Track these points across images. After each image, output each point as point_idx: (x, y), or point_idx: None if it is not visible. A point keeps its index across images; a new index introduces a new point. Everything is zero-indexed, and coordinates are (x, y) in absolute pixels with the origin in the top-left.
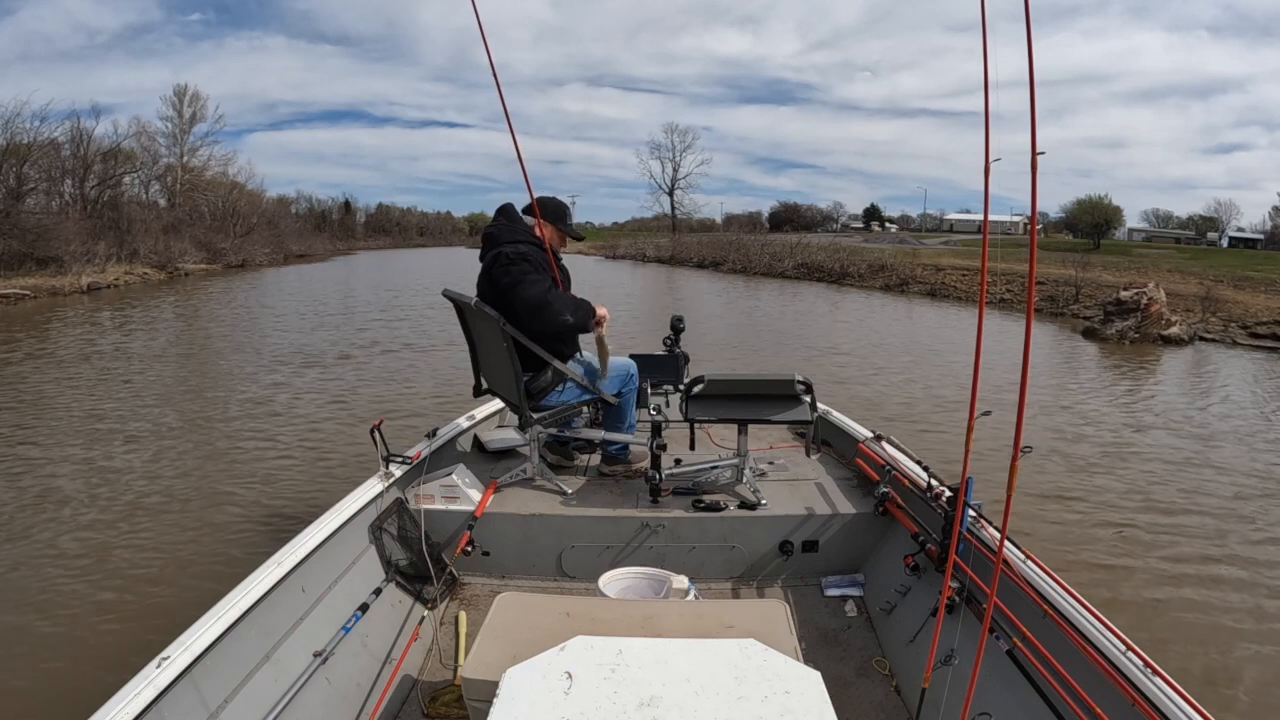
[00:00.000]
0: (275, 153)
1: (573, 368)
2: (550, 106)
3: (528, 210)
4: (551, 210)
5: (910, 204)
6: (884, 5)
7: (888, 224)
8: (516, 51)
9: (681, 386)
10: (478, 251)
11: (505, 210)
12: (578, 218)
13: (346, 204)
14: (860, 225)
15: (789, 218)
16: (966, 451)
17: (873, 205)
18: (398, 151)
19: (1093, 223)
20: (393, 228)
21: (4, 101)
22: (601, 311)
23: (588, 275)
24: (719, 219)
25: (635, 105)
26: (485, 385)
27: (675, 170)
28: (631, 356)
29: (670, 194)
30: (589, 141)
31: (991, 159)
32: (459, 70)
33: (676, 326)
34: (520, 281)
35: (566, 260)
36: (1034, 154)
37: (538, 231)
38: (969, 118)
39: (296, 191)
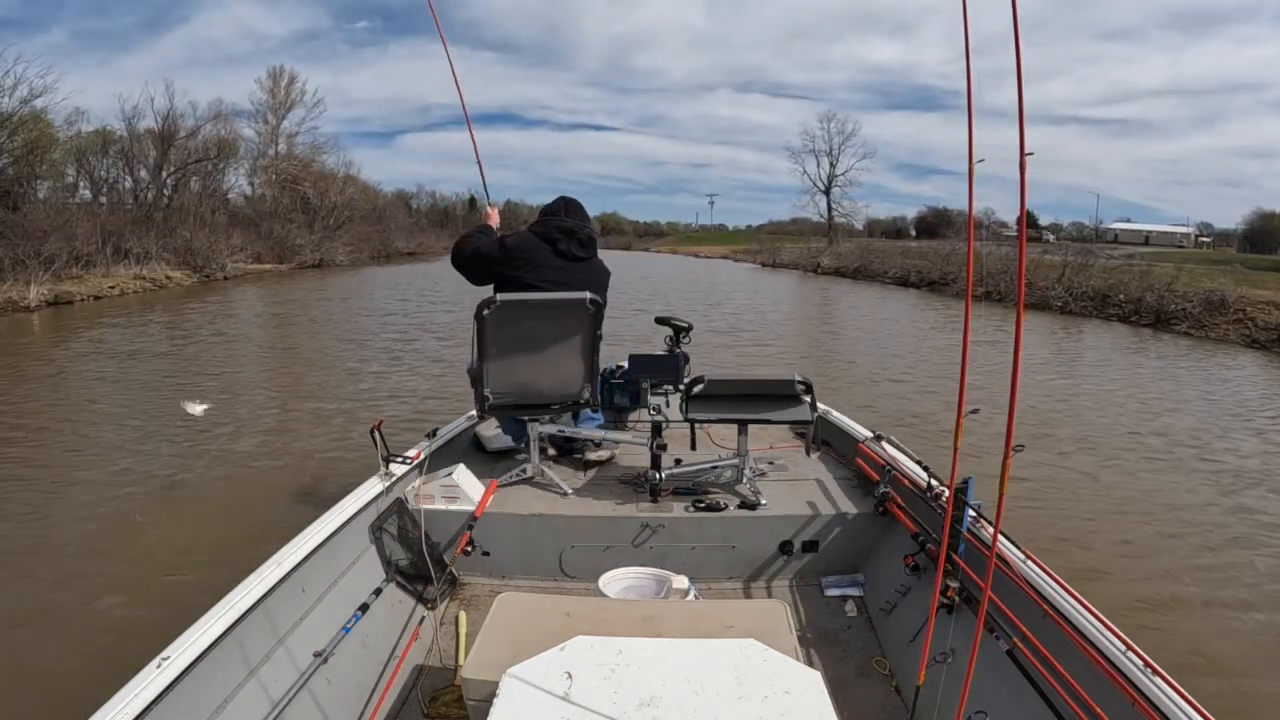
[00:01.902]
0: (426, 153)
1: None
2: (698, 111)
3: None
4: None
5: (1055, 212)
6: (1037, 13)
7: (1045, 233)
8: (670, 58)
9: (681, 387)
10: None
11: (575, 207)
12: (714, 218)
13: (471, 200)
14: (1012, 234)
15: (938, 224)
16: (955, 450)
17: (1029, 212)
18: (543, 153)
19: None
20: (519, 225)
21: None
22: None
23: (745, 294)
24: (860, 225)
25: (782, 111)
26: (493, 400)
27: (832, 166)
28: (631, 356)
29: (827, 193)
30: (733, 145)
31: (976, 159)
32: (612, 75)
33: (678, 327)
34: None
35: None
36: (1022, 155)
37: None
38: (1117, 125)
39: (418, 186)
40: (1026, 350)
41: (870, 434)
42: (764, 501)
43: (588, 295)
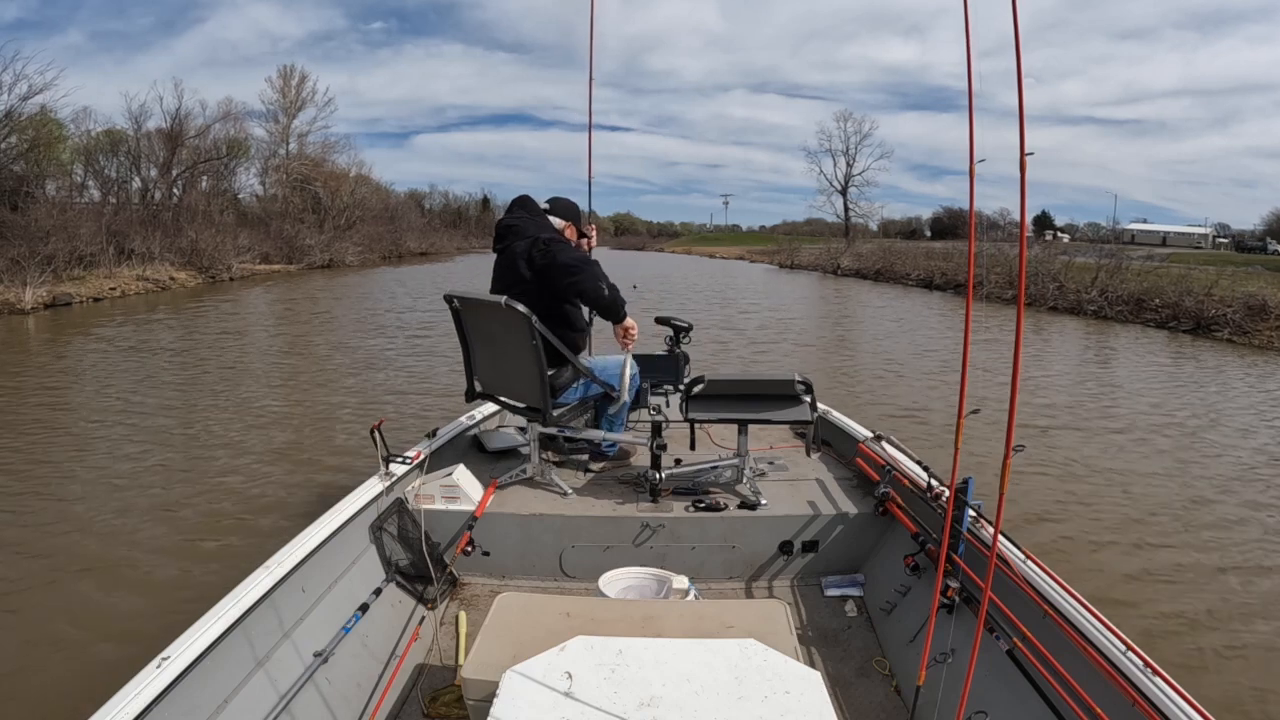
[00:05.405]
0: (440, 154)
1: (587, 364)
2: (713, 112)
3: (548, 210)
4: (574, 212)
5: (1070, 212)
6: (1052, 13)
7: (1059, 234)
8: (684, 58)
9: (681, 387)
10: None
11: (525, 203)
12: (728, 219)
13: (485, 200)
14: (1030, 234)
15: (954, 224)
16: (956, 450)
17: (1044, 212)
18: (558, 154)
19: None
20: None
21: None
22: (629, 322)
23: (766, 296)
24: (873, 225)
25: (796, 111)
26: (481, 389)
27: (849, 166)
28: (631, 356)
29: (844, 193)
30: (747, 146)
31: (978, 159)
32: (626, 76)
33: (678, 327)
34: (564, 249)
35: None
36: (1022, 155)
37: (567, 234)
38: (1132, 125)
39: (430, 186)
40: (1064, 358)
41: (870, 434)
42: (764, 501)
43: (503, 299)
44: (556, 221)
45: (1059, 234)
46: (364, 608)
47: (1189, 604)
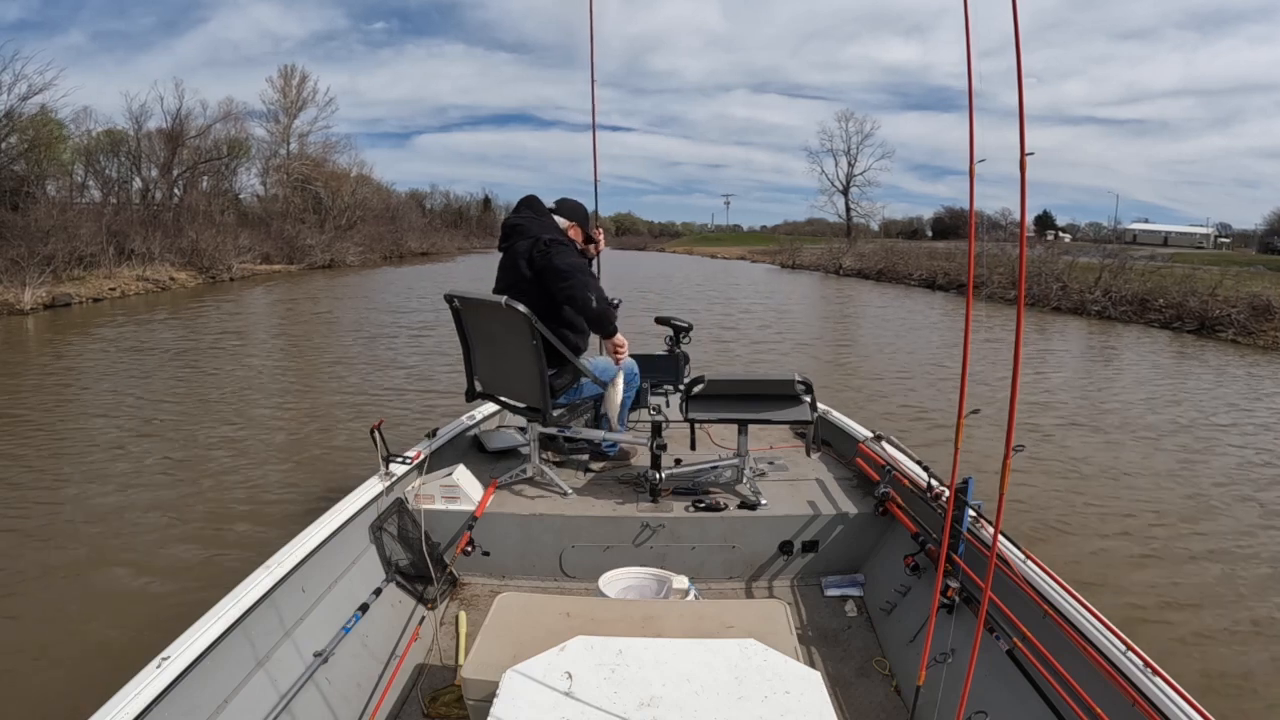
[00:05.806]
0: (441, 154)
1: (588, 364)
2: (714, 112)
3: (554, 210)
4: (581, 214)
5: (1072, 212)
6: (1054, 13)
7: (1061, 234)
8: (685, 59)
9: (681, 387)
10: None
11: (532, 203)
12: (729, 219)
13: (486, 201)
14: (1031, 233)
15: (956, 224)
16: (956, 450)
17: (1045, 212)
18: (559, 154)
19: None
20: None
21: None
22: (619, 339)
23: (768, 297)
24: (875, 225)
25: (798, 111)
26: (481, 388)
27: (850, 165)
28: (631, 356)
29: (845, 193)
30: (748, 146)
31: (979, 159)
32: (628, 76)
33: (678, 327)
34: (561, 253)
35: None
36: (1022, 155)
37: (571, 234)
38: (1134, 125)
39: (431, 186)
40: (1067, 358)
41: (870, 434)
42: (764, 501)
43: (503, 299)
44: (562, 222)
45: (1060, 234)
46: (364, 608)
47: (1185, 596)
